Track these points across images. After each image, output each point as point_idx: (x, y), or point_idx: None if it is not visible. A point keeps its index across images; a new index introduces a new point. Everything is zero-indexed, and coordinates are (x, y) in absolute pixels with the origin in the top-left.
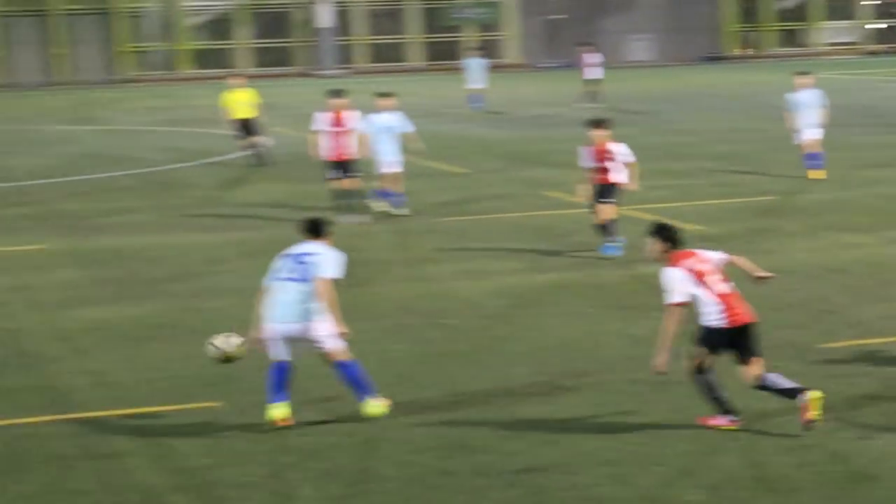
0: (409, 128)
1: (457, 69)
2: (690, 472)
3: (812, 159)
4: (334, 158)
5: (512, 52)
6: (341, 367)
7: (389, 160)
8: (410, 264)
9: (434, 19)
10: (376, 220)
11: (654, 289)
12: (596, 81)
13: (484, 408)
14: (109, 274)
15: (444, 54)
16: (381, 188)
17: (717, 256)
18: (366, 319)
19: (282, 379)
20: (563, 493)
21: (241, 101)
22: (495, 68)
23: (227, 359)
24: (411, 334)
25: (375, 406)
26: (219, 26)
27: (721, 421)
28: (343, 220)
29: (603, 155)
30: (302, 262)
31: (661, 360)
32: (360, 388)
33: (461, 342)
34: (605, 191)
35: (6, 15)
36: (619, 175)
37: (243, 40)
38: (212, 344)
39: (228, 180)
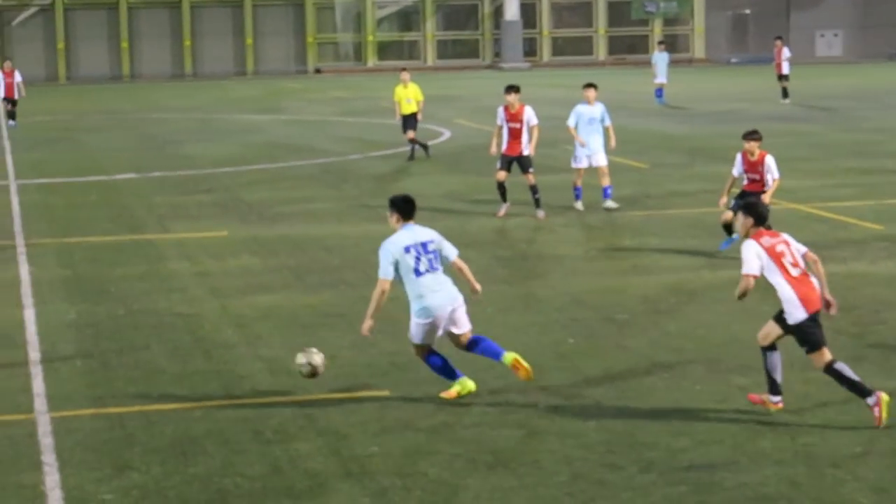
0: (609, 121)
1: (639, 63)
2: (862, 476)
3: None
4: (507, 153)
5: (697, 46)
6: (476, 342)
7: (593, 152)
8: (586, 259)
9: (619, 13)
10: (557, 214)
11: (832, 291)
12: (786, 77)
13: (652, 403)
14: (287, 262)
15: (627, 48)
16: (576, 185)
17: (799, 246)
18: (539, 312)
19: (447, 361)
20: (730, 491)
21: (407, 96)
22: (681, 63)
23: (314, 374)
24: (583, 328)
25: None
26: (406, 19)
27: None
28: (538, 215)
29: (756, 167)
30: (429, 251)
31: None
32: (495, 354)
33: (631, 337)
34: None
35: (199, 6)
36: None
37: (429, 32)
38: (309, 358)
39: (406, 171)
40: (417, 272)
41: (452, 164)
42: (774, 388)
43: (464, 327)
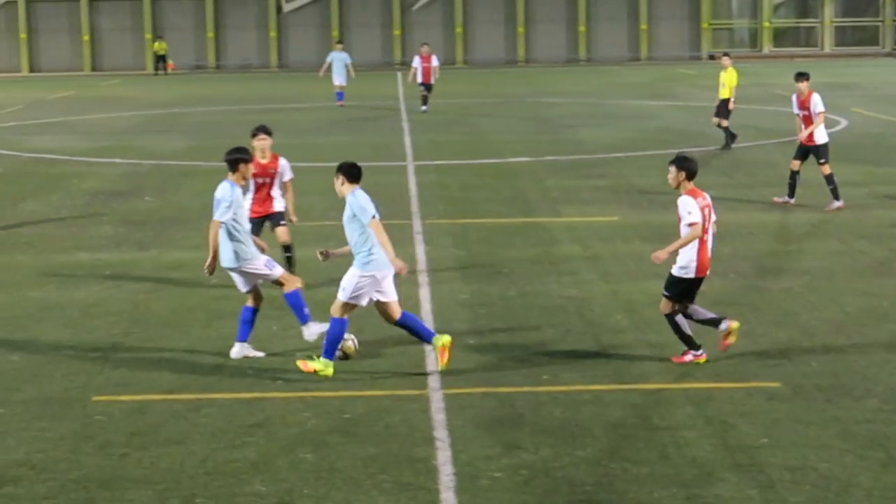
0: None
1: None
2: None
3: None
4: (806, 142)
5: None
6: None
7: None
8: None
9: None
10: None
11: None
12: None
13: None
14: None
15: None
16: None
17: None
18: None
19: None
20: None
21: (724, 82)
22: None
23: (345, 357)
24: None
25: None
26: (803, 5)
27: (689, 357)
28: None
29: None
30: None
31: (663, 254)
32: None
33: None
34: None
35: None
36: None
37: (827, 19)
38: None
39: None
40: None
41: (849, 153)
42: (692, 344)
43: (391, 296)
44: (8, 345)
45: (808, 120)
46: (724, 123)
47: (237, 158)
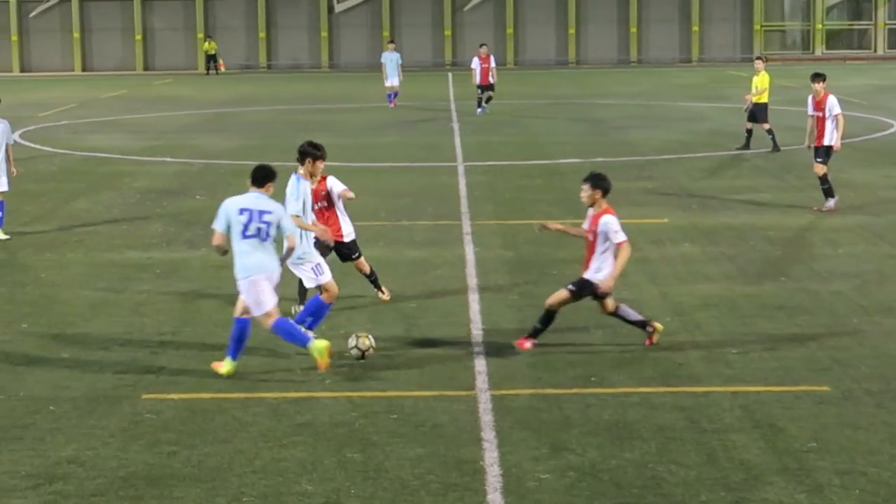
0: None
1: None
2: None
3: None
4: (816, 144)
5: None
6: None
7: None
8: None
9: None
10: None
11: None
12: None
13: None
14: (727, 251)
15: None
16: None
17: None
18: None
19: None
20: None
21: (757, 86)
22: None
23: (362, 357)
24: None
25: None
26: (855, 6)
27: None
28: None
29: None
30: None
31: (611, 282)
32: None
33: None
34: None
35: None
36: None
37: (881, 21)
38: (356, 342)
39: (855, 162)
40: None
41: None
42: (643, 324)
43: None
44: (58, 342)
45: (821, 122)
46: (766, 126)
47: (305, 151)
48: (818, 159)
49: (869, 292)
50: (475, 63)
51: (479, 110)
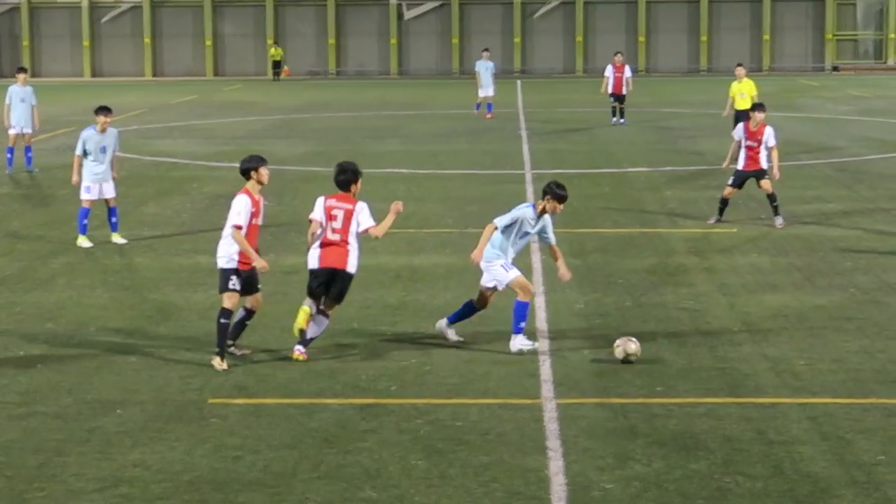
0: None
1: None
2: None
3: None
4: (747, 168)
5: None
6: None
7: None
8: None
9: None
10: None
11: None
12: None
13: None
14: (796, 262)
15: None
16: None
17: None
18: None
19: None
20: None
21: (739, 93)
22: None
23: (626, 360)
24: None
25: None
26: None
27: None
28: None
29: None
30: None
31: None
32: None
33: None
34: None
35: (718, 1)
36: None
37: None
38: (624, 345)
39: None
40: None
41: None
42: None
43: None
44: (126, 346)
45: (756, 151)
46: None
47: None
48: (730, 182)
49: None
50: (609, 71)
51: (614, 120)
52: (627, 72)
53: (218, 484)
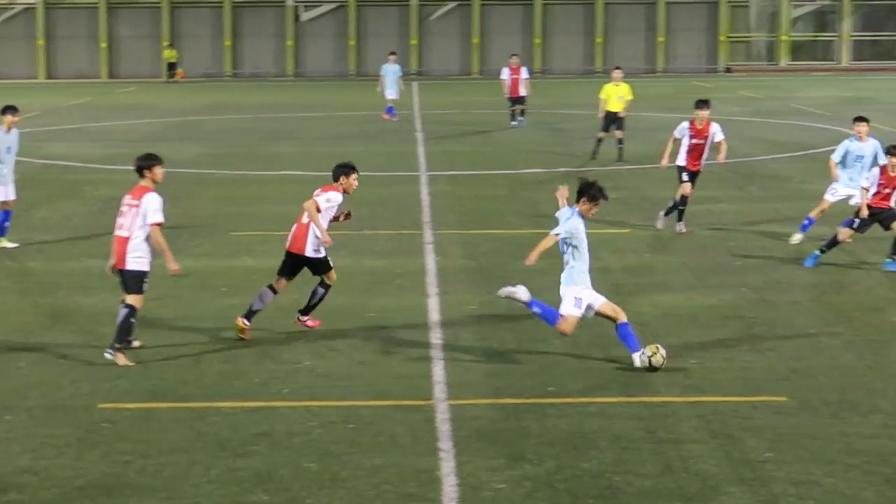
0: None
1: None
2: None
3: None
4: (692, 168)
5: None
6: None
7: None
8: None
9: None
10: None
11: None
12: None
13: None
14: (689, 261)
15: None
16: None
17: None
18: None
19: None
20: None
21: (616, 95)
22: None
23: (652, 368)
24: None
25: None
26: (820, 18)
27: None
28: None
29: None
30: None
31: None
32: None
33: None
34: None
35: (612, 3)
36: None
37: (845, 33)
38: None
39: (816, 173)
40: None
41: None
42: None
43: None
44: (16, 351)
45: (701, 148)
46: (604, 134)
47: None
48: (686, 179)
49: (827, 303)
50: (505, 74)
51: (514, 123)
52: (524, 73)
53: (108, 489)
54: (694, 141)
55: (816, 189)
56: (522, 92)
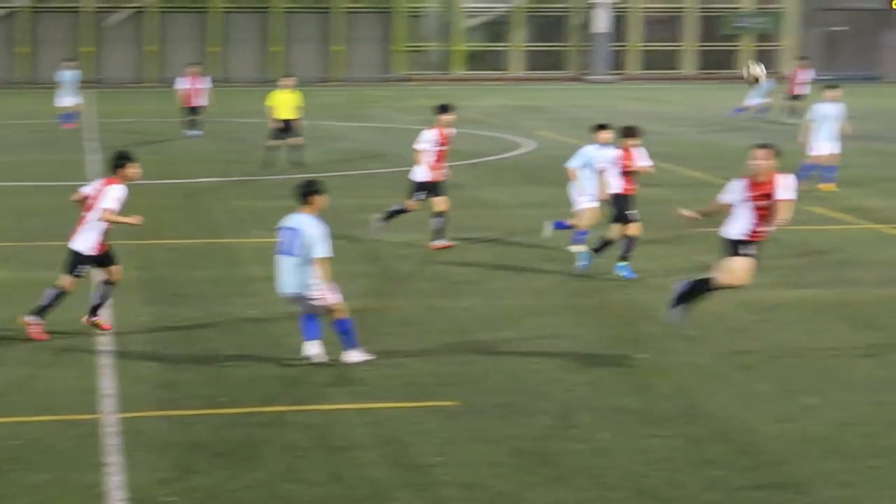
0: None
1: (729, 78)
2: None
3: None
4: (430, 179)
5: (789, 63)
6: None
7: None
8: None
9: (711, 27)
10: None
11: None
12: (802, 97)
13: (713, 425)
14: (361, 268)
15: (717, 63)
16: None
17: None
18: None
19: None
20: None
21: (286, 103)
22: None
23: None
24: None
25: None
26: (494, 29)
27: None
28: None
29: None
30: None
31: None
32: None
33: (700, 355)
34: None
35: (290, 11)
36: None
37: (517, 43)
38: None
39: (488, 181)
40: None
41: (532, 175)
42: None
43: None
44: None
45: (442, 156)
46: (299, 141)
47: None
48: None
49: (495, 307)
50: (181, 83)
51: (190, 133)
52: (203, 83)
53: None
54: (441, 148)
55: (486, 196)
56: (202, 101)
